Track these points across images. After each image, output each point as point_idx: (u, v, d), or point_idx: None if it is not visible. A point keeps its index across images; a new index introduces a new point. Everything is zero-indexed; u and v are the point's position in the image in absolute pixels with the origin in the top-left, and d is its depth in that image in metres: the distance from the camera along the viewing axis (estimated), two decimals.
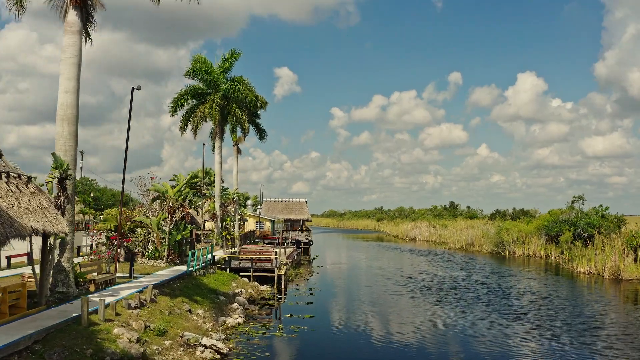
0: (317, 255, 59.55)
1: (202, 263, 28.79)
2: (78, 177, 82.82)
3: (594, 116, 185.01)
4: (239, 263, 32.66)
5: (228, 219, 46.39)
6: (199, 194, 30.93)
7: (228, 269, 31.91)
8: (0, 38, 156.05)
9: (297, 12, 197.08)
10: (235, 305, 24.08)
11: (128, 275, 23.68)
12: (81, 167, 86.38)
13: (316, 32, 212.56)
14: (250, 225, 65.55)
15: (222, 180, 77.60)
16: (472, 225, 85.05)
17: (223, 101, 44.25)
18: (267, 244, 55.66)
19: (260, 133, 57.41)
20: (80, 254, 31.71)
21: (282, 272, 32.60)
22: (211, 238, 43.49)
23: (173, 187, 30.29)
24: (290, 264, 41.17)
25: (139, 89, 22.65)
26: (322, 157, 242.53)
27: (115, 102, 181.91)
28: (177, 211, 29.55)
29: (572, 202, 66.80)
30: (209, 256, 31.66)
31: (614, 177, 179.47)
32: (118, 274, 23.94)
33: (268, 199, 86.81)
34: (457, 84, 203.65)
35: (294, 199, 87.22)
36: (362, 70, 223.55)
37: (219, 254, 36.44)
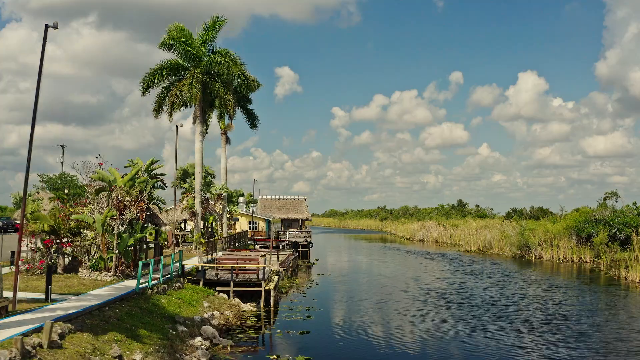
0: (317, 260, 52.42)
1: (162, 276, 21.67)
2: (57, 173, 74.34)
3: (595, 116, 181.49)
4: (216, 274, 25.50)
5: (211, 217, 39.26)
6: (162, 185, 23.73)
7: (201, 282, 24.76)
8: (1, 38, 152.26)
9: (298, 11, 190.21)
10: (198, 340, 16.90)
11: (44, 297, 16.54)
12: (62, 162, 79.53)
13: (317, 31, 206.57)
14: (242, 225, 58.42)
15: (214, 175, 70.46)
16: (486, 225, 77.92)
17: (205, 77, 37.18)
18: (259, 247, 48.56)
19: (252, 120, 50.24)
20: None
21: (272, 286, 25.45)
22: (190, 241, 36.44)
23: (125, 175, 23.12)
24: (284, 273, 34.04)
25: (55, 27, 15.53)
26: (323, 156, 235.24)
27: (116, 102, 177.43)
28: (130, 207, 22.39)
29: (605, 199, 59.71)
30: (177, 265, 24.54)
31: (615, 176, 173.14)
32: (32, 296, 16.84)
33: (264, 197, 79.70)
34: (458, 84, 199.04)
35: (293, 197, 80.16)
36: (363, 70, 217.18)
37: (195, 261, 29.28)
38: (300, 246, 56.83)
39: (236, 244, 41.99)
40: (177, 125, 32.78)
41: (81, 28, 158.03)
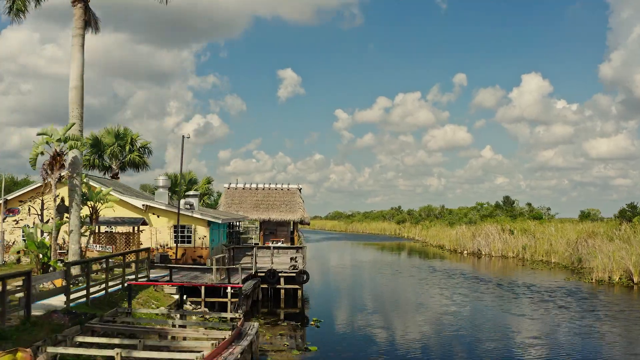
0: (318, 323, 21.84)
1: None
2: None
3: (599, 118, 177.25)
4: None
5: None
6: None
7: None
8: (2, 39, 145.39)
9: (301, 13, 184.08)
10: None
11: None
12: None
13: (320, 33, 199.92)
14: (163, 233, 27.87)
15: (149, 151, 42.08)
16: (595, 232, 47.30)
17: None
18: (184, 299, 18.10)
19: None
20: None
21: None
22: None
23: None
24: None
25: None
26: (325, 159, 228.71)
27: (118, 104, 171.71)
28: None
29: None
30: None
31: (618, 179, 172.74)
32: None
33: (232, 185, 49.24)
34: (462, 86, 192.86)
35: (280, 186, 49.72)
36: (366, 72, 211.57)
37: None
38: (283, 280, 26.50)
39: None
40: None
41: None
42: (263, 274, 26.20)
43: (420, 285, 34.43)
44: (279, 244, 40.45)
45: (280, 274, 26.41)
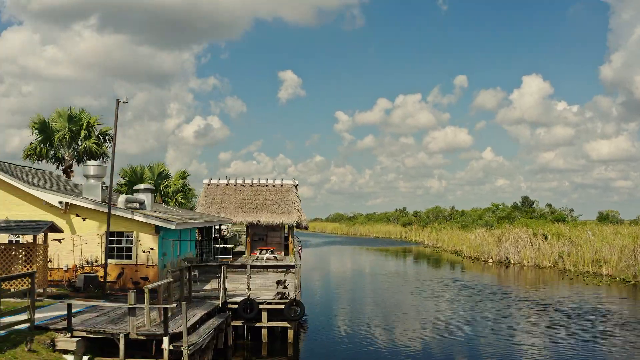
0: None
1: None
2: None
3: (600, 119, 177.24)
4: None
5: None
6: None
7: None
8: (2, 40, 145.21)
9: (301, 14, 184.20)
10: None
11: None
12: None
13: (320, 35, 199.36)
14: (92, 245, 19.17)
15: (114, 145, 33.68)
16: None
17: None
18: None
19: None
20: None
21: None
22: None
23: None
24: None
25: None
26: (326, 161, 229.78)
27: (119, 106, 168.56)
28: None
29: None
30: None
31: (619, 181, 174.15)
32: None
33: (214, 181, 40.49)
34: (462, 87, 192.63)
35: (271, 182, 40.96)
36: (366, 73, 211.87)
37: None
38: (266, 315, 17.74)
39: None
40: None
41: (82, 31, 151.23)
42: (236, 305, 17.53)
43: (456, 312, 25.57)
44: (268, 254, 31.78)
45: (261, 306, 17.68)
